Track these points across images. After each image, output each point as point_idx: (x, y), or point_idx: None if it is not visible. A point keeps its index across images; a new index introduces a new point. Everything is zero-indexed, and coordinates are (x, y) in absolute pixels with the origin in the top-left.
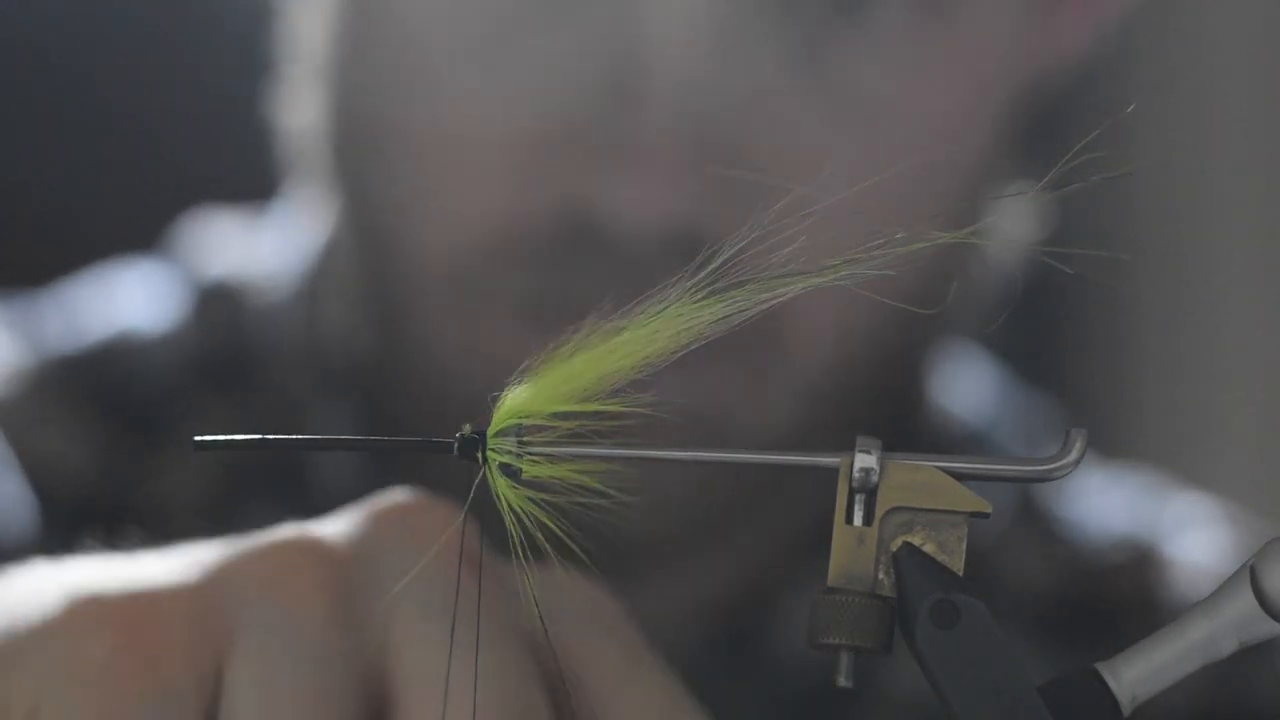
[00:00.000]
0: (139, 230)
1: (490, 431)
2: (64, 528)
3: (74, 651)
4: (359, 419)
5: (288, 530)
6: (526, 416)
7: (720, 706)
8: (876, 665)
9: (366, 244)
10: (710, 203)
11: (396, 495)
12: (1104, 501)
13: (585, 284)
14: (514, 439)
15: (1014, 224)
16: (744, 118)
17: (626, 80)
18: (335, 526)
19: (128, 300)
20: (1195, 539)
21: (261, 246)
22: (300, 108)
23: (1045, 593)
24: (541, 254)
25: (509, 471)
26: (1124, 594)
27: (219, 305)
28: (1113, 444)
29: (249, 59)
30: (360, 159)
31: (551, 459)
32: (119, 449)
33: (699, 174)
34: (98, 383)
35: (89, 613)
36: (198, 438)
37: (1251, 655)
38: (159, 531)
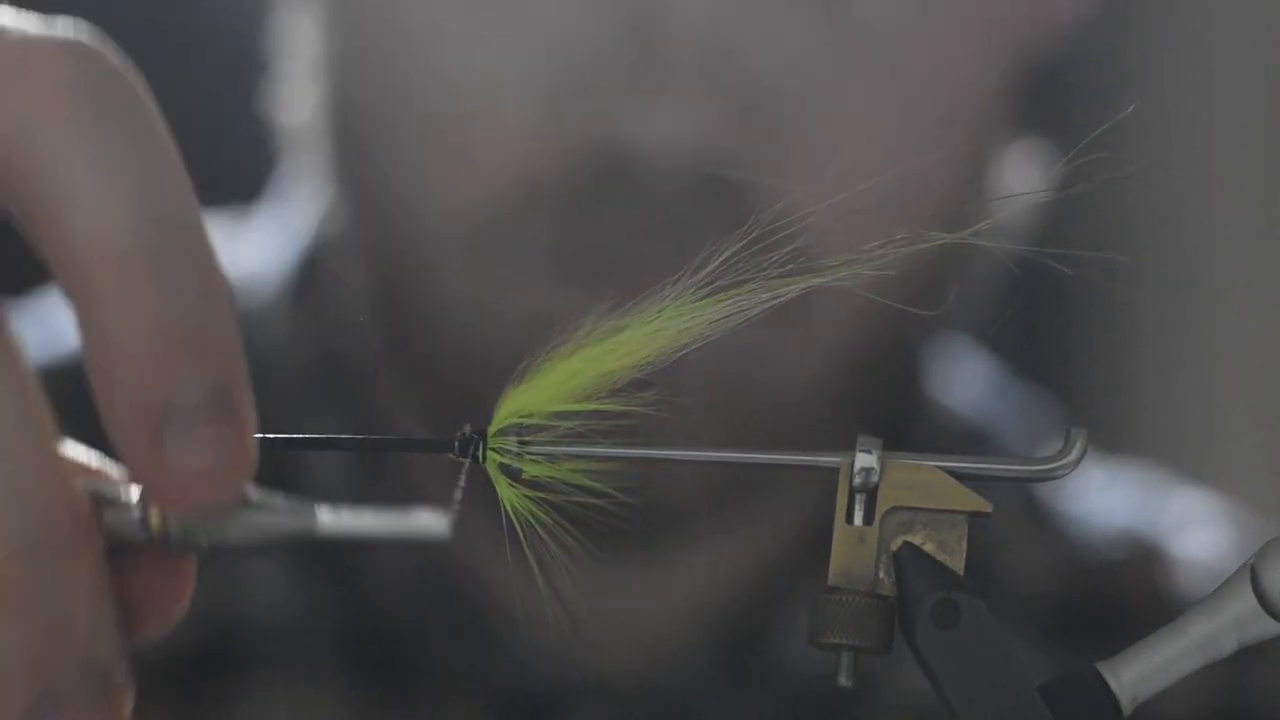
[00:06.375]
0: None
1: (490, 431)
2: None
3: None
4: (346, 421)
5: None
6: (527, 416)
7: (723, 710)
8: (879, 665)
9: (376, 224)
10: (739, 138)
11: None
12: (1106, 499)
13: (612, 232)
14: (514, 438)
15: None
16: (764, 44)
17: (644, 11)
18: None
19: None
20: (1197, 537)
21: (245, 249)
22: (298, 102)
23: (1047, 590)
24: (567, 200)
25: (509, 471)
26: (1126, 592)
27: None
28: (1113, 443)
29: (228, 60)
30: (367, 135)
31: (551, 458)
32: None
33: (725, 103)
34: (77, 394)
35: None
36: None
37: (1252, 656)
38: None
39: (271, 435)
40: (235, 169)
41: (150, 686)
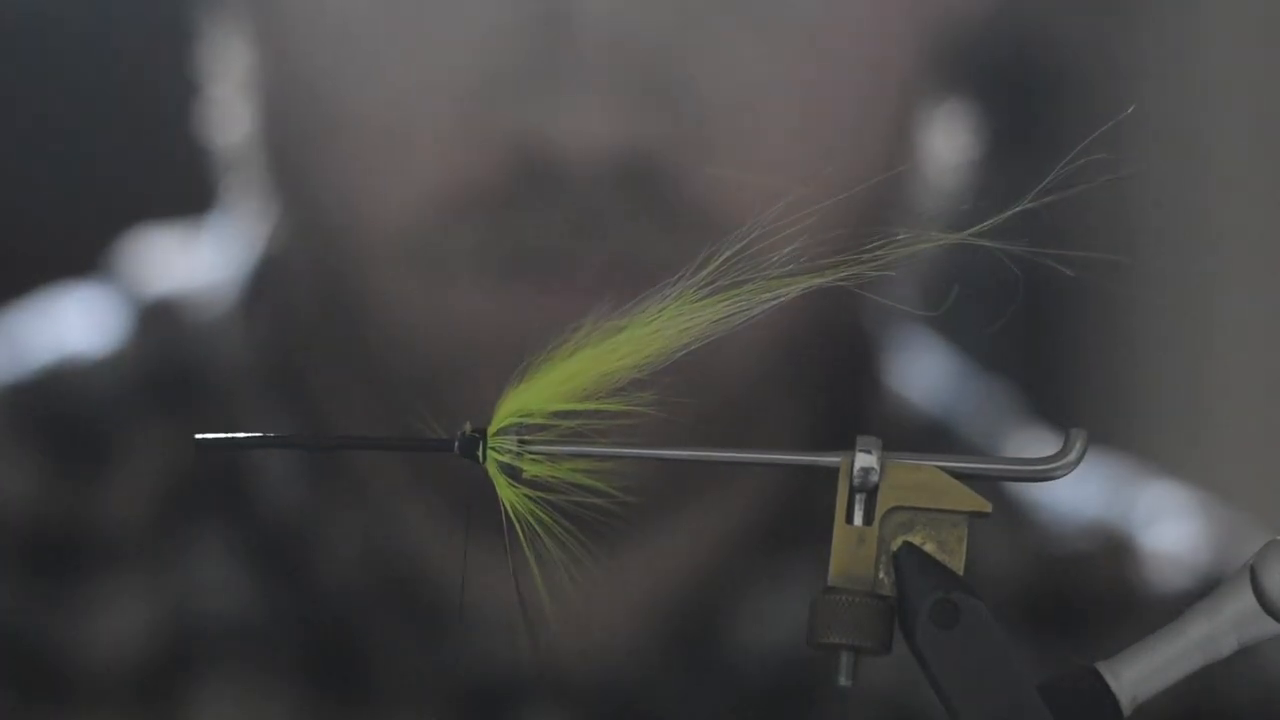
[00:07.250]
0: (78, 254)
1: (491, 430)
2: (11, 557)
3: None
4: (300, 425)
5: None
6: (527, 415)
7: (677, 703)
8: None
9: (315, 237)
10: (656, 126)
11: None
12: (1076, 490)
13: (543, 229)
14: (514, 438)
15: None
16: (675, 35)
17: (557, 9)
18: None
19: (69, 325)
20: (1167, 529)
21: (200, 260)
22: (231, 122)
23: (1013, 582)
24: (497, 200)
25: (509, 470)
26: (1094, 584)
27: (160, 324)
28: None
29: (179, 75)
30: (300, 154)
31: (552, 458)
32: (64, 476)
33: (638, 95)
34: (41, 411)
35: None
36: (199, 436)
37: (1237, 658)
38: (104, 557)
39: (275, 435)
40: (187, 179)
41: (102, 689)
